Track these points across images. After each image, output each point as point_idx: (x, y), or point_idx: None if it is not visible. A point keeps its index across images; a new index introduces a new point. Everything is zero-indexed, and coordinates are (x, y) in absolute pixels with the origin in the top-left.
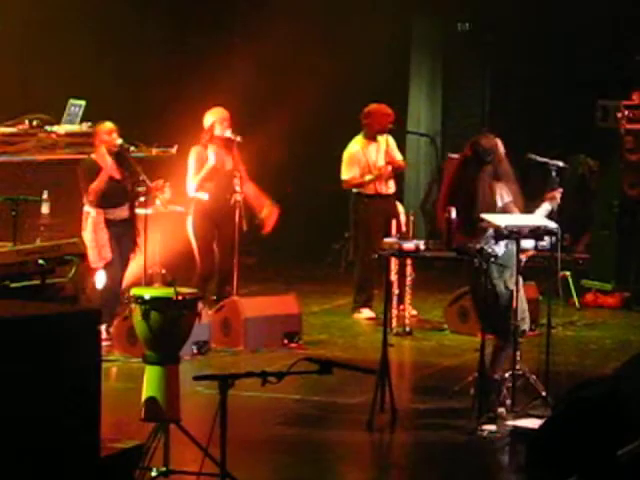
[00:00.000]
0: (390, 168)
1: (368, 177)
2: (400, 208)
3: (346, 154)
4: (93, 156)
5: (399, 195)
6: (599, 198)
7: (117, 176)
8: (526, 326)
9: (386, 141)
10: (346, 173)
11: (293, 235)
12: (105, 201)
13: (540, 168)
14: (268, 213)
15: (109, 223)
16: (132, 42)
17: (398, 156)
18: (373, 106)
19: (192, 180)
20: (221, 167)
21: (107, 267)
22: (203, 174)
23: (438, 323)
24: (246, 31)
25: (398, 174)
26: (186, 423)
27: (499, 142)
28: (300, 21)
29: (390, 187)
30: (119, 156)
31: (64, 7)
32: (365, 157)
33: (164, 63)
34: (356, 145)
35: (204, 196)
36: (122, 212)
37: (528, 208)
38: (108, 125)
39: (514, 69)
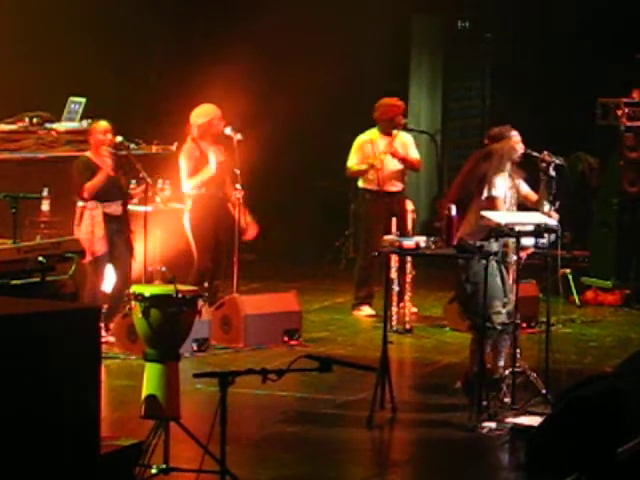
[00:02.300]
0: (383, 157)
1: (363, 166)
2: (410, 206)
3: (355, 142)
4: (88, 154)
5: None
6: (599, 195)
7: (111, 172)
8: (501, 318)
9: (395, 137)
10: (349, 160)
11: (293, 232)
12: (101, 195)
13: (538, 164)
14: (246, 226)
15: (105, 218)
16: (132, 39)
17: (413, 154)
18: (383, 99)
19: (188, 181)
20: (217, 163)
21: (95, 263)
22: (201, 179)
23: (438, 320)
24: (246, 29)
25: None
26: (186, 420)
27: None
28: (300, 19)
29: (395, 184)
30: (114, 154)
31: (64, 4)
32: (372, 149)
33: (164, 60)
34: (366, 135)
35: (199, 192)
36: (117, 207)
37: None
38: (103, 124)
39: (514, 67)
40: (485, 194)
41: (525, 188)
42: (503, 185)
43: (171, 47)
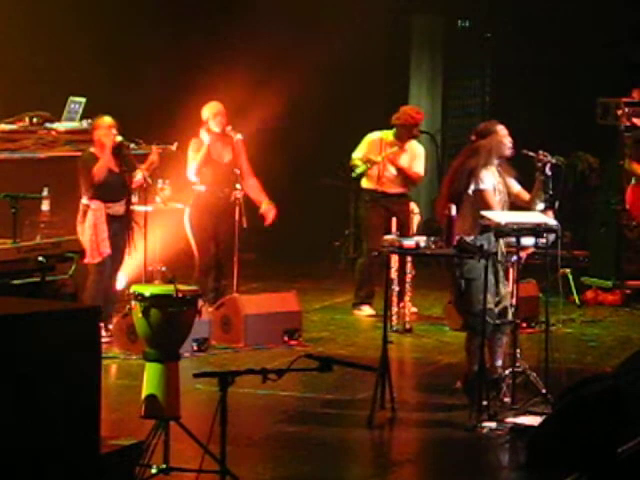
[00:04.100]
0: (380, 159)
1: (361, 167)
2: (415, 209)
3: (366, 137)
4: (92, 150)
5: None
6: (599, 195)
7: (115, 169)
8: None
9: (404, 145)
10: (355, 152)
11: (293, 232)
12: (106, 194)
13: (534, 163)
14: (266, 210)
15: (108, 218)
16: (132, 39)
17: (417, 167)
18: (406, 106)
19: (191, 165)
20: (218, 160)
21: (103, 263)
22: (200, 155)
23: (438, 320)
24: (244, 30)
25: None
26: (186, 420)
27: (501, 128)
28: (300, 18)
29: (395, 187)
30: (118, 152)
31: (64, 5)
32: (381, 148)
33: (164, 60)
34: (379, 134)
35: (201, 188)
36: (120, 208)
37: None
38: (107, 120)
39: (514, 66)
40: (472, 187)
41: (517, 187)
42: (491, 178)
43: (171, 46)
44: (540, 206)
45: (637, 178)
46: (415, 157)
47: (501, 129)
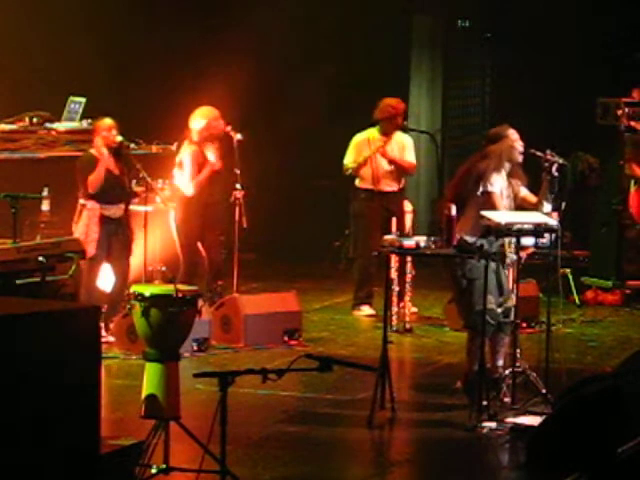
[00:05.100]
0: (371, 153)
1: (355, 162)
2: (409, 207)
3: (352, 140)
4: (92, 151)
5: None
6: (599, 195)
7: (115, 171)
8: (494, 315)
9: (391, 137)
10: (346, 158)
11: (293, 232)
12: (103, 196)
13: (541, 164)
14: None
15: (103, 219)
16: (131, 40)
17: (408, 157)
18: (384, 99)
19: (191, 182)
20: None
21: (89, 263)
22: (204, 176)
23: (438, 320)
24: (245, 29)
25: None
26: (186, 420)
27: (512, 133)
28: (299, 19)
29: (389, 184)
30: (118, 153)
31: (64, 5)
32: (370, 148)
33: (164, 60)
34: (365, 134)
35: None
36: (118, 210)
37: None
38: (107, 121)
39: (514, 66)
40: (481, 189)
41: (524, 190)
42: (499, 182)
43: (171, 46)
44: (547, 207)
45: (637, 181)
46: (405, 148)
47: (512, 133)
